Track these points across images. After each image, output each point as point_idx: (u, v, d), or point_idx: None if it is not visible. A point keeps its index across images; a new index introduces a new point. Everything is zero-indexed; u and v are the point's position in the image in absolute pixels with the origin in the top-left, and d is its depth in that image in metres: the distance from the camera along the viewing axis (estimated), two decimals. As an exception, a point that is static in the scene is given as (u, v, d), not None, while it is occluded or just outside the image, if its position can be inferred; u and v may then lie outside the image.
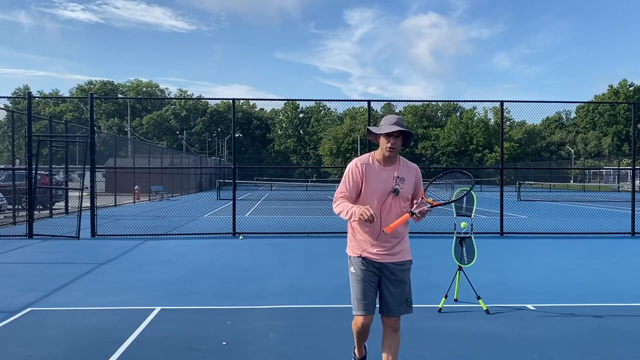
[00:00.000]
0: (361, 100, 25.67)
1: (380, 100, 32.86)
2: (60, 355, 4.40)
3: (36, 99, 71.00)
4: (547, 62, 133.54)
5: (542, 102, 21.74)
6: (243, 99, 31.13)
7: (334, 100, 76.01)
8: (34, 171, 12.51)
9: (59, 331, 5.04)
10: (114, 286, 7.00)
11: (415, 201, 3.48)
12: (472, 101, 73.29)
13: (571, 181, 55.06)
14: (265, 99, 59.20)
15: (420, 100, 39.57)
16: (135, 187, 26.50)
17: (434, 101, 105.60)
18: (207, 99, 65.73)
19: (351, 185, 3.49)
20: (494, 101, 29.56)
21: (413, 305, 3.58)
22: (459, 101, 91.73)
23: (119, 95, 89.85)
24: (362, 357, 3.81)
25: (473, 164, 68.17)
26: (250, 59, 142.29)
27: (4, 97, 14.15)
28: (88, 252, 9.92)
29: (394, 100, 57.41)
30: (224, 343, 4.68)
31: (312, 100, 34.35)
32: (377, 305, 3.55)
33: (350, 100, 71.72)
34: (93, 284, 7.15)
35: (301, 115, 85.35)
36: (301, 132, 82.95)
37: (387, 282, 3.46)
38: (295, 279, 7.52)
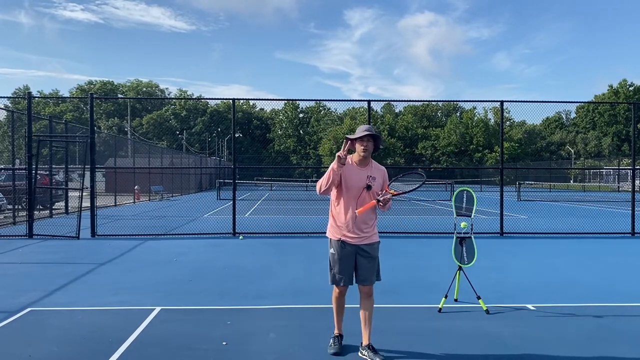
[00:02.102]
0: (361, 100, 25.64)
1: (380, 100, 32.89)
2: (60, 355, 4.40)
3: (36, 99, 70.98)
4: (547, 62, 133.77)
5: (542, 102, 21.73)
6: (243, 99, 31.04)
7: (334, 100, 76.18)
8: (34, 171, 12.51)
9: (59, 331, 5.04)
10: (114, 286, 7.00)
11: (380, 192, 4.26)
12: (472, 101, 73.25)
13: (571, 181, 55.06)
14: (265, 99, 59.43)
15: (420, 100, 39.51)
16: (135, 187, 26.50)
17: (434, 101, 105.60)
18: (207, 99, 65.64)
19: None
20: (494, 101, 29.57)
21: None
22: (459, 101, 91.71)
23: (119, 95, 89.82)
24: (340, 334, 4.50)
25: (473, 164, 68.14)
26: (250, 59, 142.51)
27: (4, 97, 14.12)
28: (88, 252, 9.92)
29: (394, 100, 57.43)
30: (224, 343, 4.68)
31: (312, 100, 34.27)
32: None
33: (350, 100, 71.68)
34: (93, 284, 7.15)
35: (301, 115, 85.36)
36: (301, 132, 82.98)
37: (361, 259, 4.29)
38: (295, 279, 7.52)
